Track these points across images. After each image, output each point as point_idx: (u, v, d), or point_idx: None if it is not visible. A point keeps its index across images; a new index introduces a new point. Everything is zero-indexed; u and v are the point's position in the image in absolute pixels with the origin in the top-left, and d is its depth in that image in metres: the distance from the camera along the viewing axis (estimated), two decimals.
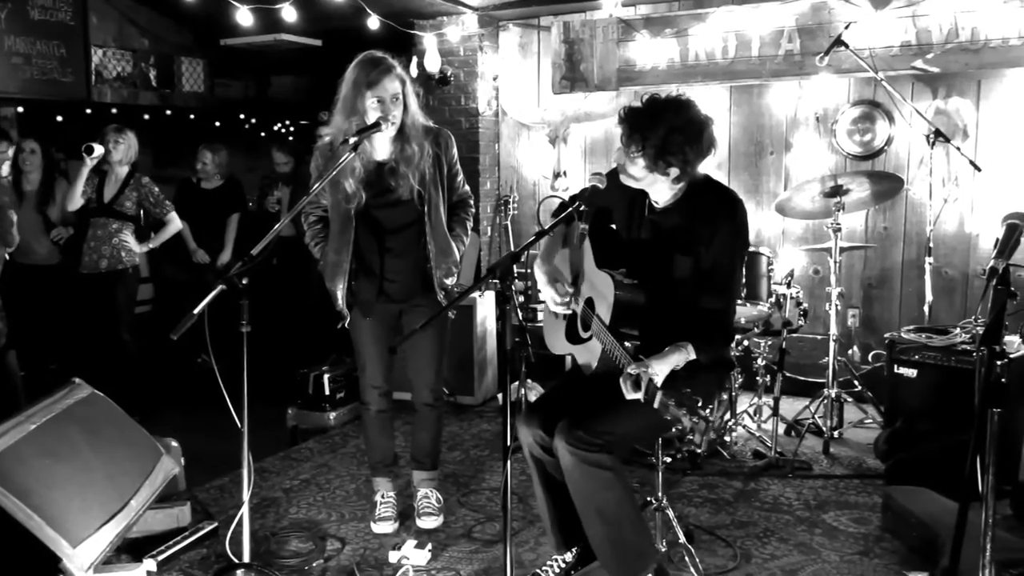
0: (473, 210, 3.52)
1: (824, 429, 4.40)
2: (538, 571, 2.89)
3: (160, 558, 3.10)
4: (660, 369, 2.39)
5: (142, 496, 3.05)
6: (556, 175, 5.94)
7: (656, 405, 2.20)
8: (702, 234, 2.61)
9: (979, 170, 4.49)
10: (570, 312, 2.86)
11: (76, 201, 4.95)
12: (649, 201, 2.74)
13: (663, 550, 2.90)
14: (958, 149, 4.56)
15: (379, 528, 3.44)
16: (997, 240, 1.82)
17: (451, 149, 3.36)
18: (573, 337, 2.85)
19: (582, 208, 2.53)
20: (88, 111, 6.77)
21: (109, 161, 4.99)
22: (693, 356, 2.51)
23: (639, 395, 2.28)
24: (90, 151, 4.81)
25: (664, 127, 2.50)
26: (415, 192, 3.21)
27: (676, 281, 2.65)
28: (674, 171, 2.57)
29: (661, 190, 2.67)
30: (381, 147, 3.22)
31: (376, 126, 3.02)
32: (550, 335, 3.03)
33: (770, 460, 4.11)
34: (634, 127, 2.54)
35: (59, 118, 7.10)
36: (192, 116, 7.73)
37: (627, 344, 2.55)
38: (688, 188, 2.67)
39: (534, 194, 6.09)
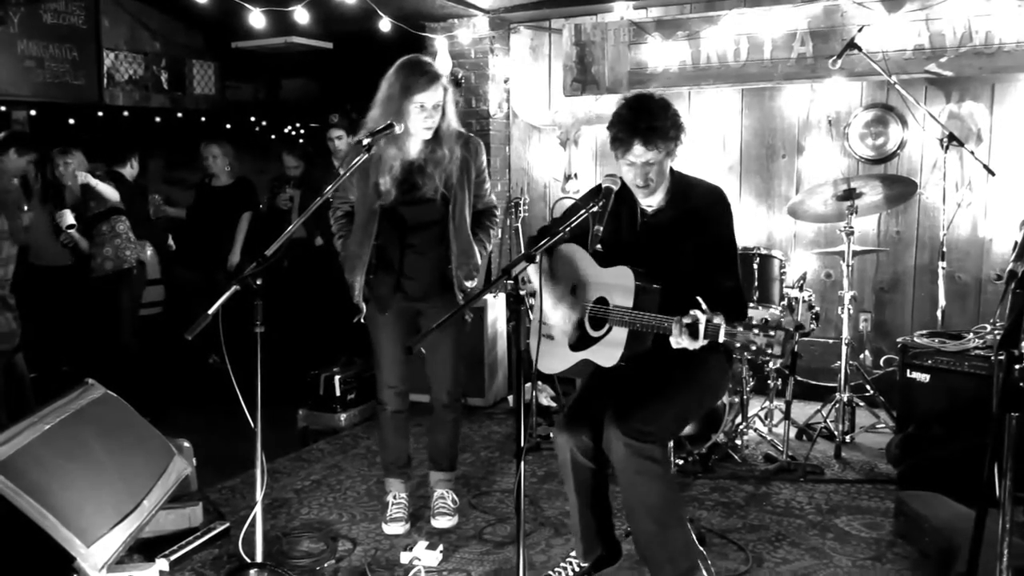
0: (499, 219, 3.57)
1: (836, 433, 4.39)
2: (550, 572, 2.90)
3: (172, 558, 3.11)
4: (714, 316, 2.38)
5: (155, 496, 3.06)
6: (567, 177, 5.94)
7: (722, 338, 2.24)
8: (698, 220, 2.74)
9: (993, 174, 4.46)
10: (575, 325, 2.83)
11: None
12: (640, 209, 2.83)
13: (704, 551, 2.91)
14: (972, 153, 4.54)
15: (391, 529, 3.44)
16: (1016, 244, 1.82)
17: (480, 156, 3.39)
18: (582, 344, 2.83)
19: (595, 209, 2.53)
20: (100, 114, 6.80)
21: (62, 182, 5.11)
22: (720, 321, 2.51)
23: (699, 341, 2.30)
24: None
25: (657, 109, 2.67)
26: (439, 193, 3.24)
27: (686, 268, 2.69)
28: (679, 144, 2.72)
29: (664, 186, 2.77)
30: (414, 147, 3.25)
31: (389, 127, 3.04)
32: (546, 358, 2.94)
33: (781, 464, 4.10)
34: (651, 130, 2.63)
35: (71, 121, 7.13)
36: (203, 119, 7.75)
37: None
38: (675, 187, 2.80)
39: (545, 196, 6.08)
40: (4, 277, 4.16)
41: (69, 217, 5.05)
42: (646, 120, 2.63)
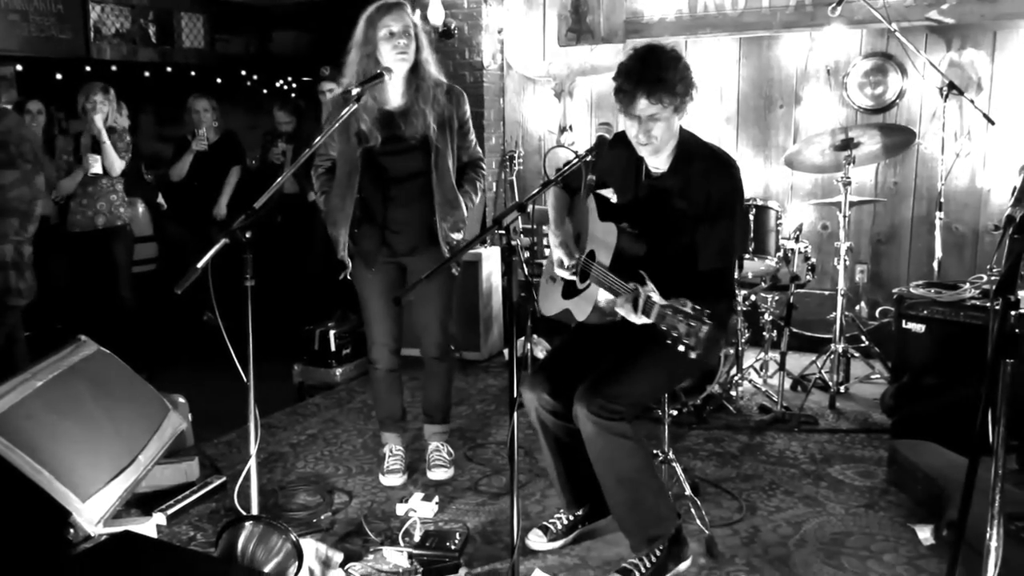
0: (485, 172, 3.48)
1: (830, 384, 4.40)
2: (546, 523, 2.92)
3: (170, 512, 3.12)
4: (654, 292, 2.35)
5: (150, 451, 3.06)
6: (562, 129, 5.87)
7: (653, 318, 2.19)
8: (700, 195, 2.60)
9: (993, 123, 4.41)
10: (575, 272, 2.83)
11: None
12: (646, 167, 2.74)
13: (696, 526, 2.90)
14: (972, 102, 4.48)
15: (388, 481, 3.46)
16: (1014, 189, 1.79)
17: (463, 106, 3.33)
18: (569, 293, 2.84)
19: (590, 159, 2.49)
20: (88, 68, 6.70)
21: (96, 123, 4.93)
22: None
23: (638, 315, 2.26)
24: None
25: (666, 61, 2.53)
26: (431, 132, 3.19)
27: (676, 242, 2.64)
28: (688, 100, 2.59)
29: (670, 146, 2.65)
30: (394, 92, 3.19)
31: (379, 76, 2.99)
32: (544, 300, 3.03)
33: (776, 414, 4.12)
34: (655, 81, 2.50)
35: (58, 76, 7.02)
36: (192, 73, 7.64)
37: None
38: (681, 150, 2.67)
39: (540, 149, 6.02)
40: (30, 236, 4.16)
41: (98, 164, 4.89)
42: (654, 72, 2.50)
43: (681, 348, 2.12)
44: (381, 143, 3.19)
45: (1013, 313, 1.63)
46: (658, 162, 2.70)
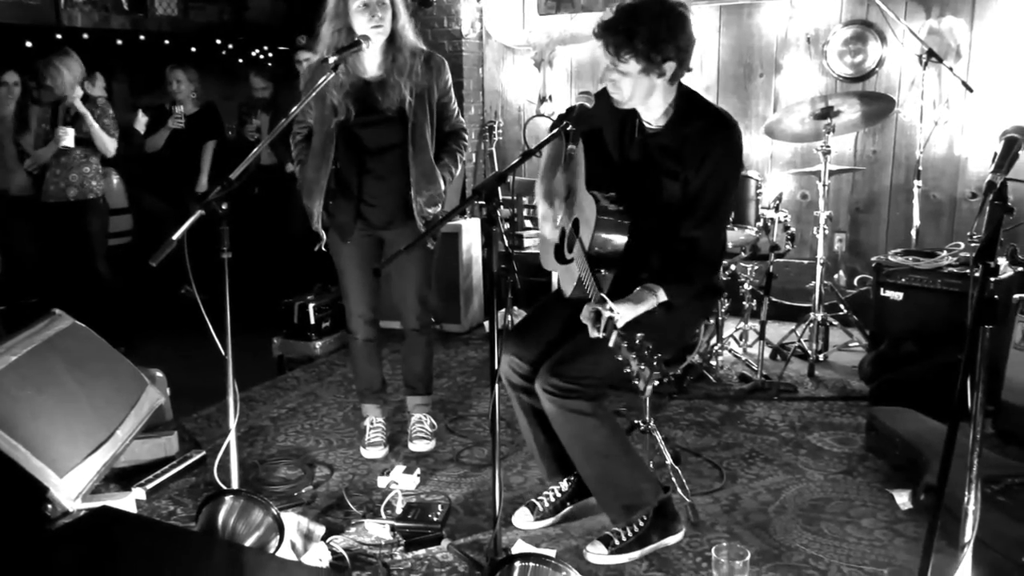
0: (467, 143, 3.39)
1: (810, 352, 4.43)
2: (534, 500, 2.90)
3: (149, 487, 3.10)
4: (623, 312, 2.30)
5: (128, 426, 3.04)
6: (542, 99, 5.82)
7: (611, 344, 2.14)
8: (692, 158, 2.49)
9: (971, 91, 4.42)
10: (559, 230, 2.80)
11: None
12: (640, 121, 2.61)
13: (677, 495, 2.89)
14: (950, 69, 4.49)
15: (369, 453, 3.45)
16: (995, 155, 1.78)
17: (444, 75, 3.25)
18: (560, 257, 2.81)
19: (570, 128, 2.44)
20: (59, 36, 6.54)
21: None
22: (663, 299, 2.43)
23: (598, 333, 2.20)
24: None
25: (647, 17, 2.37)
26: (407, 105, 3.11)
27: (662, 206, 2.56)
28: (670, 65, 2.43)
29: (655, 104, 2.53)
30: (371, 62, 3.13)
31: (357, 44, 2.93)
32: (544, 251, 2.95)
33: (756, 383, 4.14)
34: (616, 31, 2.38)
35: (28, 44, 6.86)
36: (166, 41, 7.49)
37: (603, 272, 2.52)
38: (680, 107, 2.55)
39: (519, 119, 5.98)
40: None
41: (69, 138, 4.79)
42: (625, 23, 2.37)
43: (630, 379, 2.07)
44: (358, 114, 3.13)
45: (993, 279, 1.63)
46: (651, 117, 2.57)
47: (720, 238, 2.66)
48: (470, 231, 5.29)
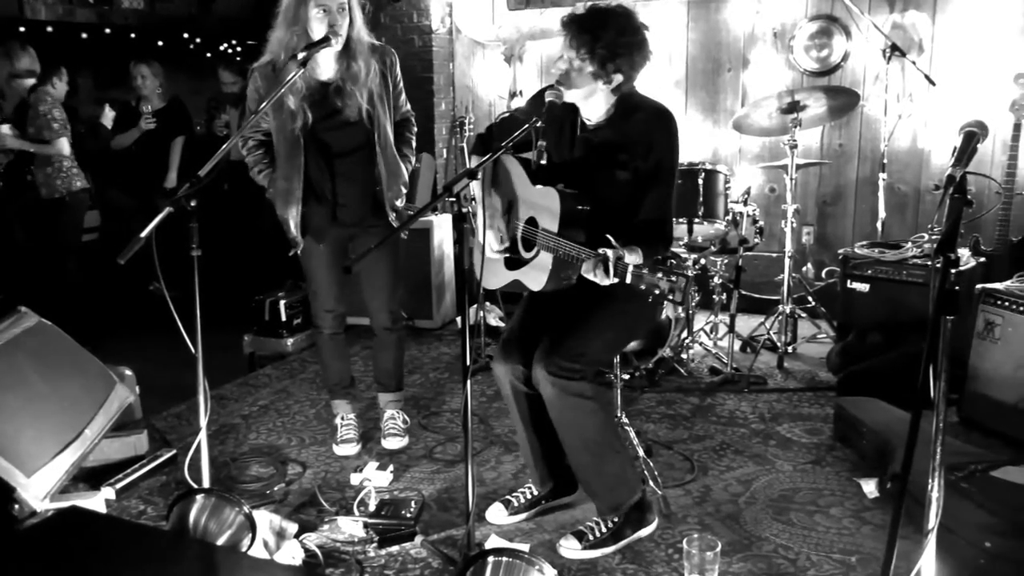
0: (416, 128, 3.43)
1: (779, 344, 4.49)
2: (508, 496, 2.92)
3: (119, 486, 3.07)
4: (625, 253, 2.33)
5: (97, 425, 3.01)
6: (512, 95, 5.82)
7: (629, 280, 2.20)
8: (637, 149, 2.59)
9: (934, 84, 4.50)
10: (508, 241, 2.79)
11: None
12: (580, 119, 2.70)
13: (649, 487, 2.92)
14: (914, 63, 4.56)
15: (341, 450, 3.44)
16: (955, 148, 1.82)
17: (396, 67, 3.27)
18: (513, 264, 2.79)
19: (539, 124, 2.45)
20: (22, 29, 6.43)
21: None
22: (641, 260, 2.46)
23: (609, 278, 2.25)
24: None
25: (613, 30, 2.51)
26: (363, 112, 3.12)
27: (614, 195, 2.61)
28: (618, 77, 2.57)
29: (597, 104, 2.63)
30: (326, 65, 3.11)
31: (325, 40, 2.91)
32: (487, 275, 2.90)
33: (726, 376, 4.18)
34: (583, 29, 2.51)
35: None
36: (132, 35, 7.39)
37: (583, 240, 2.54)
38: (619, 103, 2.65)
39: (490, 114, 5.97)
40: None
41: (8, 139, 4.75)
42: (592, 24, 2.51)
43: (664, 300, 2.14)
44: (320, 119, 3.11)
45: (953, 271, 1.66)
46: (591, 115, 2.67)
47: (669, 216, 2.72)
48: (441, 227, 5.27)
